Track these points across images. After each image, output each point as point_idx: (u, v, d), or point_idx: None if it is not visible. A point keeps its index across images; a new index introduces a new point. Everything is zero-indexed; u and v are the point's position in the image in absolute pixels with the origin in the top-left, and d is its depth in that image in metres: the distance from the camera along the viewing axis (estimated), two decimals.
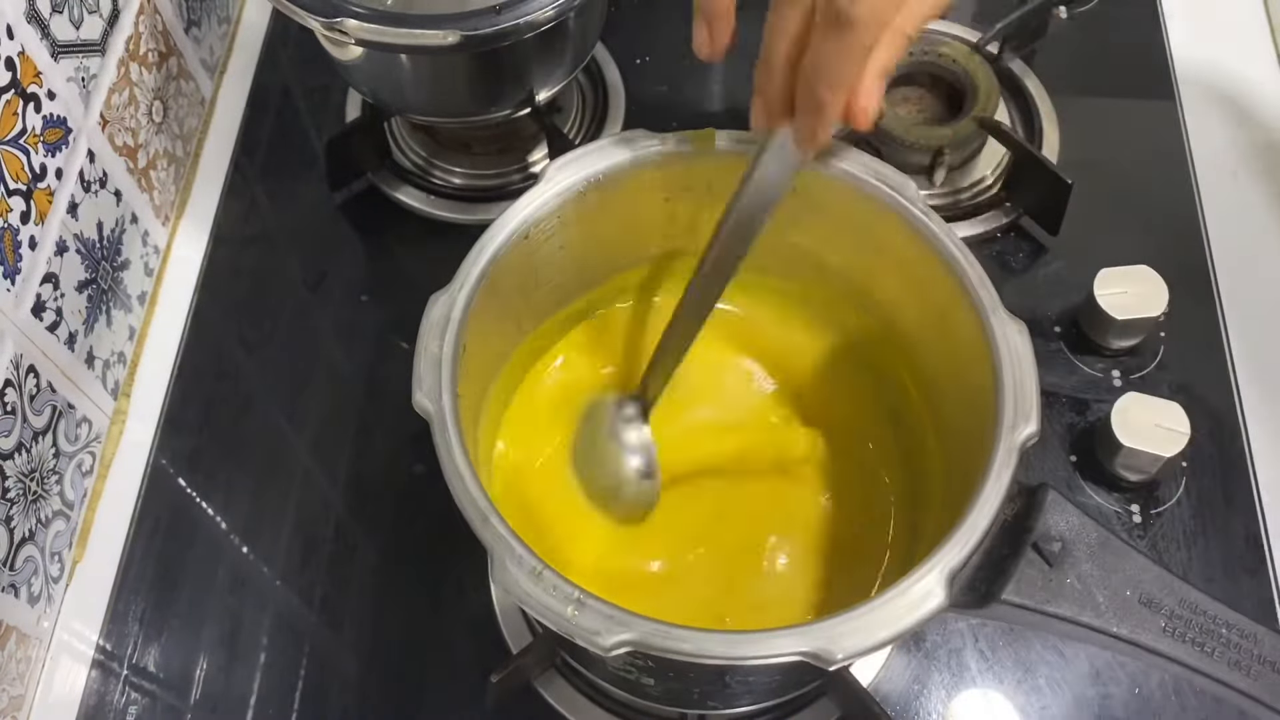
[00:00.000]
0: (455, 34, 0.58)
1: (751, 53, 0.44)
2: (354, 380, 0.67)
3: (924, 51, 0.72)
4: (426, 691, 0.57)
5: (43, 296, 0.57)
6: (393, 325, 0.68)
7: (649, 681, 0.47)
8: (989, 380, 0.44)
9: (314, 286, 0.71)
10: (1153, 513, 0.60)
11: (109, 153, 0.63)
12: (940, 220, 0.48)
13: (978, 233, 0.70)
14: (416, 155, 0.74)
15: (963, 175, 0.72)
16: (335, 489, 0.63)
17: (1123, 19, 0.80)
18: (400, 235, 0.72)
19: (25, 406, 0.55)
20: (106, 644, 0.59)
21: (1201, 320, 0.66)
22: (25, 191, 0.55)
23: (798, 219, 0.51)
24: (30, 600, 0.56)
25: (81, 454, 0.61)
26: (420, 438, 0.43)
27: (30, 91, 0.55)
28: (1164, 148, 0.74)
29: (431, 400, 0.43)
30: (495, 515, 0.41)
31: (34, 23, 0.55)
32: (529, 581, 0.39)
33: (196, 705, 0.57)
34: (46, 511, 0.58)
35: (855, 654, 0.38)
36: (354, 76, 0.68)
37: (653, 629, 0.38)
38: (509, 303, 0.51)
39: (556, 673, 0.57)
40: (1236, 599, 0.42)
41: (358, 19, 0.58)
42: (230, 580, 0.61)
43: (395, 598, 0.60)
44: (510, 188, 0.73)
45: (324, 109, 0.77)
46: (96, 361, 0.63)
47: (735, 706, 0.55)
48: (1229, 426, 0.63)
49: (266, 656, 0.58)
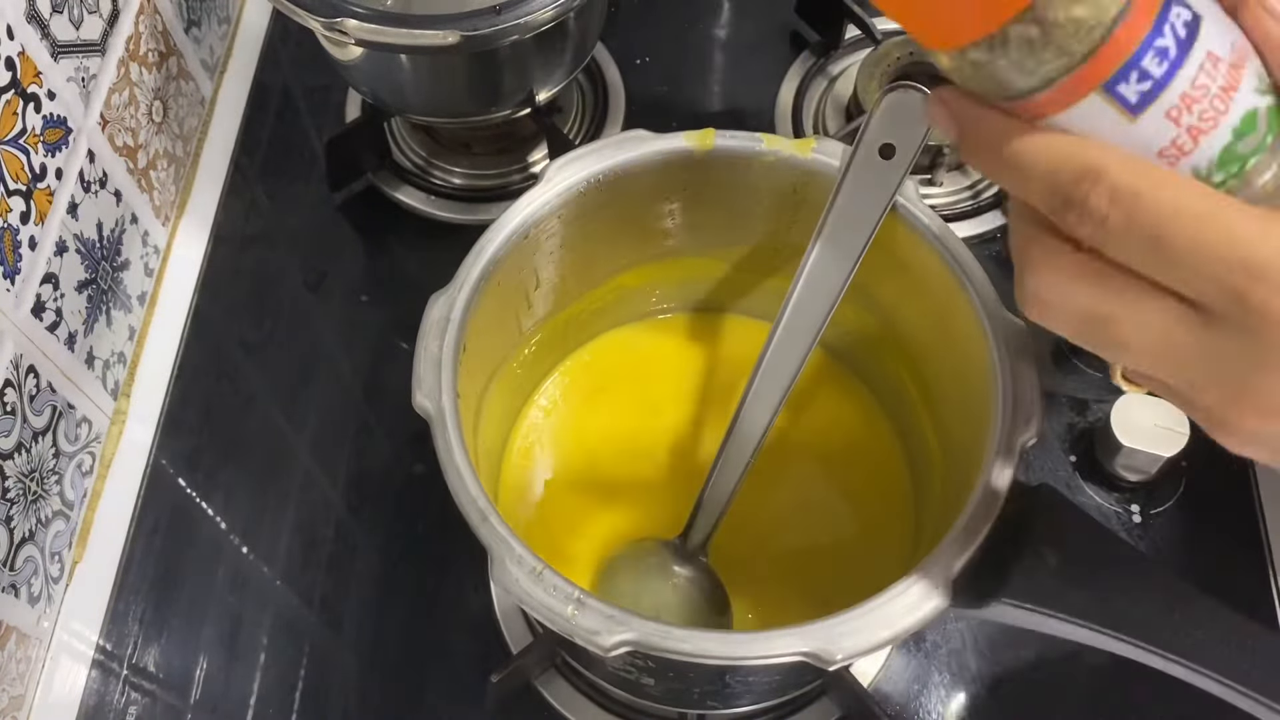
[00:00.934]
0: (455, 34, 0.58)
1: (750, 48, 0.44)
2: (354, 380, 0.67)
3: (924, 51, 0.72)
4: (426, 691, 0.57)
5: (42, 297, 0.57)
6: (393, 325, 0.68)
7: (649, 681, 0.47)
8: (989, 380, 0.44)
9: (314, 287, 0.71)
10: (1152, 513, 0.60)
11: (109, 153, 0.63)
12: (940, 220, 0.48)
13: (978, 233, 0.70)
14: (416, 155, 0.74)
15: (962, 175, 0.72)
16: (335, 489, 0.63)
17: None
18: (400, 235, 0.72)
19: (25, 406, 0.55)
20: (106, 644, 0.59)
21: None
22: (25, 191, 0.55)
23: (797, 219, 0.51)
24: (30, 600, 0.56)
25: (81, 454, 0.61)
26: (420, 438, 0.43)
27: (30, 91, 0.55)
28: None
29: (431, 400, 0.43)
30: (495, 515, 0.41)
31: (34, 23, 0.55)
32: (529, 581, 0.39)
33: (196, 705, 0.57)
34: (46, 511, 0.58)
35: (855, 654, 0.38)
36: (354, 77, 0.68)
37: (653, 629, 0.38)
38: (509, 303, 0.51)
39: (557, 673, 0.57)
40: (1236, 599, 0.42)
41: (358, 19, 0.58)
42: (230, 580, 0.61)
43: (395, 598, 0.60)
44: (510, 188, 0.73)
45: (324, 109, 0.77)
46: (96, 362, 0.63)
47: (735, 706, 0.55)
48: None
49: (266, 656, 0.58)
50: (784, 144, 0.50)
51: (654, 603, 0.49)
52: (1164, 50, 0.27)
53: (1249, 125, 0.28)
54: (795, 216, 0.52)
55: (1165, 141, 0.28)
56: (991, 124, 0.30)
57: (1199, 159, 0.28)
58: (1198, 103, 0.28)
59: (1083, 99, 0.28)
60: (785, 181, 0.50)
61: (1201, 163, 0.28)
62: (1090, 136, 0.28)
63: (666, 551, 0.50)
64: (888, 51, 0.72)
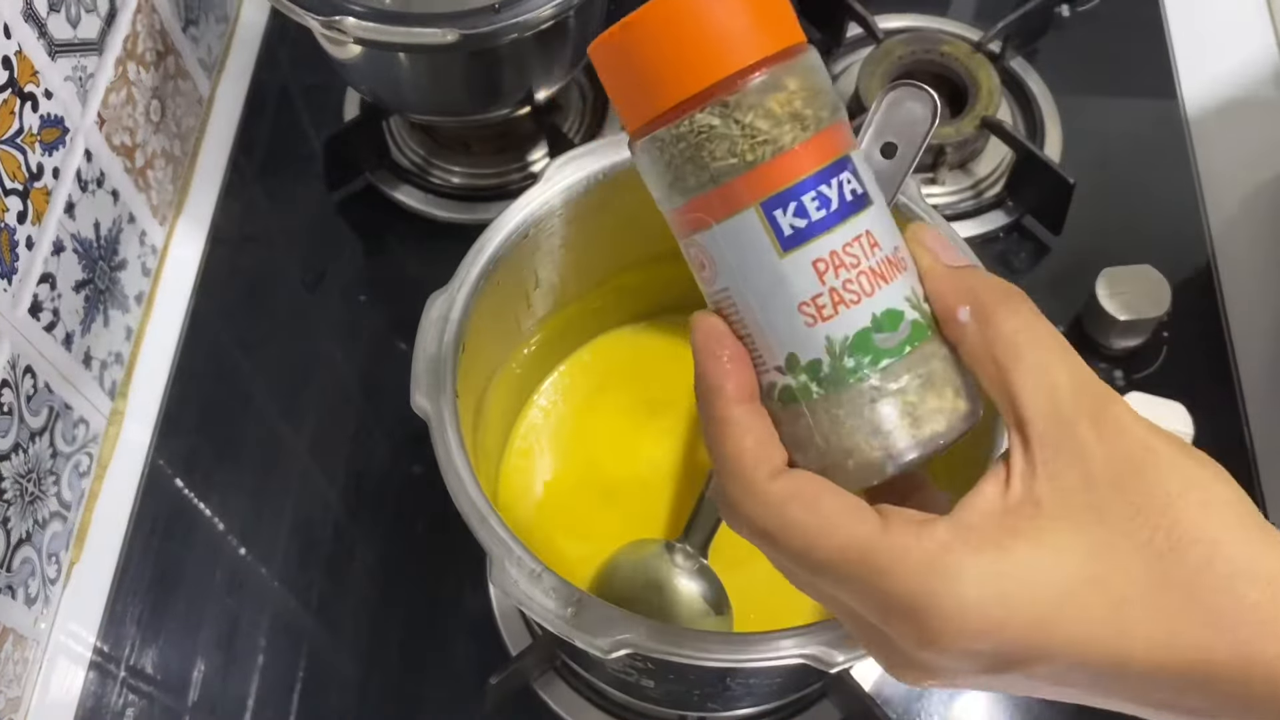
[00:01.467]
0: (454, 32, 0.57)
1: None
2: (352, 381, 0.67)
3: (925, 50, 0.72)
4: (424, 694, 0.57)
5: (40, 296, 0.56)
6: (392, 325, 0.68)
7: (649, 684, 0.47)
8: None
9: (312, 286, 0.70)
10: None
11: (106, 152, 0.63)
12: (942, 220, 0.48)
13: (980, 232, 0.70)
14: (415, 154, 0.74)
15: (965, 175, 0.72)
16: (334, 490, 0.63)
17: (1125, 17, 0.80)
18: (399, 235, 0.72)
19: (22, 407, 0.55)
20: (104, 645, 0.59)
21: (1205, 320, 0.66)
22: (22, 191, 0.54)
23: None
24: (27, 602, 0.56)
25: (79, 455, 0.61)
26: (420, 438, 0.43)
27: (27, 91, 0.55)
28: (1166, 146, 0.73)
29: (431, 400, 0.43)
30: (493, 516, 0.41)
31: (31, 21, 0.55)
32: (528, 583, 0.39)
33: (194, 707, 0.57)
34: (44, 513, 0.57)
35: (856, 657, 0.38)
36: (352, 75, 0.68)
37: (653, 631, 0.38)
38: (509, 303, 0.51)
39: (556, 675, 0.56)
40: None
41: (356, 17, 0.57)
42: (228, 582, 0.60)
43: (393, 599, 0.59)
44: (510, 187, 0.73)
45: (322, 108, 0.77)
46: (94, 362, 0.63)
47: (736, 709, 0.54)
48: (1232, 426, 0.62)
49: (264, 658, 0.58)
50: None
51: (654, 604, 0.49)
52: (826, 198, 0.28)
53: (891, 322, 0.29)
54: None
55: (808, 294, 0.29)
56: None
57: (835, 330, 0.29)
58: (845, 269, 0.29)
59: (742, 210, 0.29)
60: None
61: (838, 335, 0.29)
62: (745, 266, 0.29)
63: (666, 552, 0.50)
64: (890, 50, 0.72)
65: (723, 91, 0.28)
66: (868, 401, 0.29)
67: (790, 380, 0.29)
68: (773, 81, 0.28)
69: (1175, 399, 0.58)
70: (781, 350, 0.29)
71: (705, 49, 0.28)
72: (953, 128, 0.69)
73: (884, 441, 0.29)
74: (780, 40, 0.29)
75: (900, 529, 0.27)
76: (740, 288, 0.29)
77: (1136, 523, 0.26)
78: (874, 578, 0.27)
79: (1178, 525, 0.26)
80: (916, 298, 0.30)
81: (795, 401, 0.29)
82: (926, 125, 0.40)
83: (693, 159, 0.29)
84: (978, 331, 0.29)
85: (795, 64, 0.29)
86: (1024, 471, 0.27)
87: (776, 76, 0.28)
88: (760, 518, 0.28)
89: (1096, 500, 0.26)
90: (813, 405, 0.29)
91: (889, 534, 0.27)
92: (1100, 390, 0.27)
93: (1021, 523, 0.26)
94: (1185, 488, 0.26)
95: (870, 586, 0.27)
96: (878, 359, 0.29)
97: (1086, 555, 0.26)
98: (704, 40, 0.28)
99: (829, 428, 0.29)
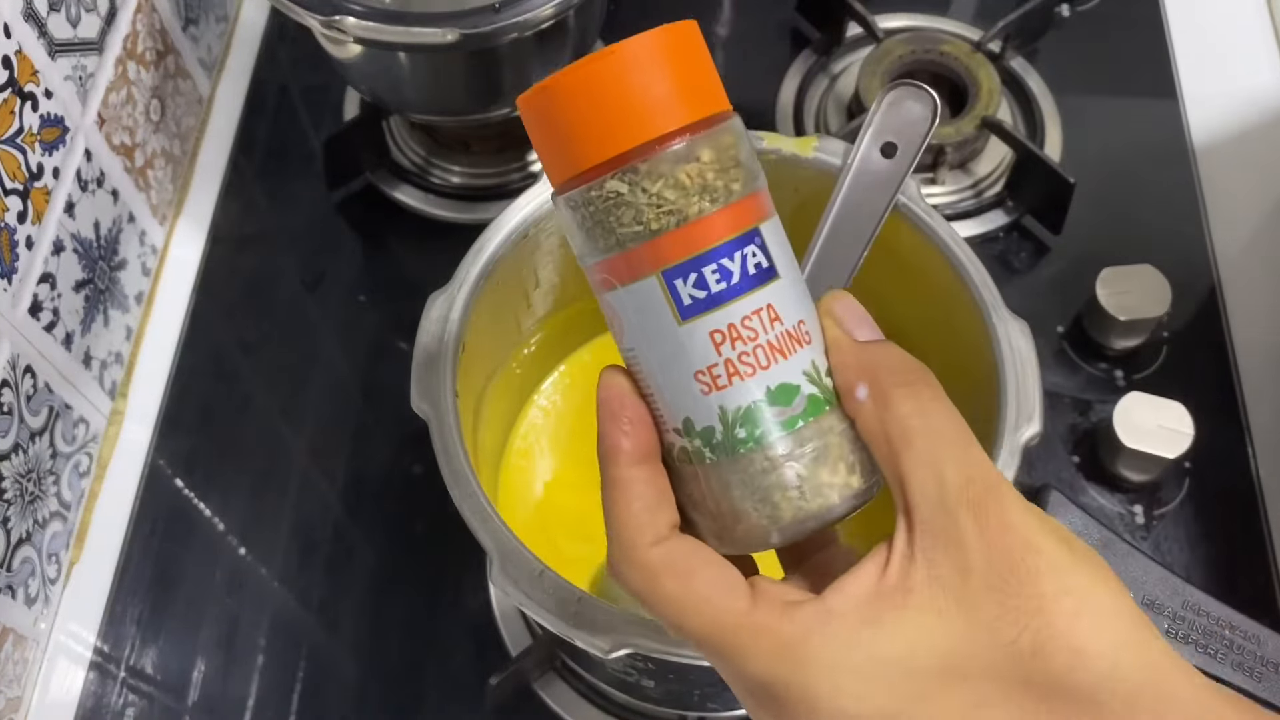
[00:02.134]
0: (454, 32, 0.57)
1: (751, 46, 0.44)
2: (352, 380, 0.67)
3: (925, 50, 0.72)
4: (425, 694, 0.57)
5: (39, 296, 0.56)
6: (391, 325, 0.68)
7: (649, 684, 0.47)
8: (991, 380, 0.44)
9: (312, 286, 0.70)
10: (1156, 514, 0.60)
11: (106, 152, 0.63)
12: (942, 220, 0.48)
13: (980, 232, 0.70)
14: (415, 154, 0.74)
15: (965, 174, 0.72)
16: (334, 490, 0.63)
17: (1125, 17, 0.80)
18: (399, 235, 0.72)
19: (22, 407, 0.55)
20: (104, 646, 0.59)
21: (1205, 319, 0.66)
22: (22, 191, 0.54)
23: (798, 218, 0.51)
24: (27, 601, 0.56)
25: (79, 455, 0.61)
26: (419, 438, 0.43)
27: (27, 90, 0.54)
28: (1167, 146, 0.73)
29: (430, 401, 0.43)
30: (494, 516, 0.41)
31: (31, 21, 0.55)
32: (528, 583, 0.39)
33: (194, 707, 0.57)
34: (44, 512, 0.57)
35: None
36: (352, 75, 0.68)
37: (654, 631, 0.38)
38: (509, 303, 0.51)
39: (556, 675, 0.56)
40: (1240, 600, 0.42)
41: (356, 17, 0.57)
42: (228, 582, 0.60)
43: (394, 599, 0.59)
44: (510, 187, 0.73)
45: (322, 108, 0.77)
46: (94, 362, 0.63)
47: (736, 708, 0.54)
48: (1232, 427, 0.62)
49: (264, 658, 0.58)
50: (785, 142, 0.49)
51: None
52: (727, 271, 0.28)
53: (784, 396, 0.29)
54: (796, 215, 0.51)
55: (703, 364, 0.29)
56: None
57: (729, 400, 0.29)
58: (742, 342, 0.29)
59: (645, 277, 0.29)
60: (786, 180, 0.50)
61: (730, 406, 0.29)
62: (647, 330, 0.29)
63: None
64: (890, 49, 0.72)
65: (634, 159, 0.28)
66: (758, 471, 0.29)
67: (686, 443, 0.30)
68: (685, 152, 0.28)
69: (1175, 399, 0.58)
70: (679, 414, 0.29)
71: (619, 116, 0.28)
72: (953, 127, 0.69)
73: (771, 512, 0.29)
74: (700, 110, 0.29)
75: (765, 610, 0.27)
76: (644, 349, 0.30)
77: (1005, 621, 0.25)
78: (734, 658, 0.27)
79: (1045, 629, 0.25)
80: (818, 372, 0.30)
81: (690, 464, 0.30)
82: (926, 125, 0.40)
83: (601, 223, 0.29)
84: (873, 411, 0.29)
85: (712, 134, 0.29)
86: (904, 555, 0.27)
87: (691, 147, 0.28)
88: (635, 583, 0.29)
89: (968, 594, 0.26)
90: (706, 470, 0.29)
91: (753, 615, 0.27)
92: (991, 482, 0.27)
93: (887, 612, 0.26)
94: (1060, 593, 0.26)
95: (731, 666, 0.27)
96: (769, 432, 0.29)
97: (948, 650, 0.26)
98: (619, 107, 0.28)
99: (720, 493, 0.29)
